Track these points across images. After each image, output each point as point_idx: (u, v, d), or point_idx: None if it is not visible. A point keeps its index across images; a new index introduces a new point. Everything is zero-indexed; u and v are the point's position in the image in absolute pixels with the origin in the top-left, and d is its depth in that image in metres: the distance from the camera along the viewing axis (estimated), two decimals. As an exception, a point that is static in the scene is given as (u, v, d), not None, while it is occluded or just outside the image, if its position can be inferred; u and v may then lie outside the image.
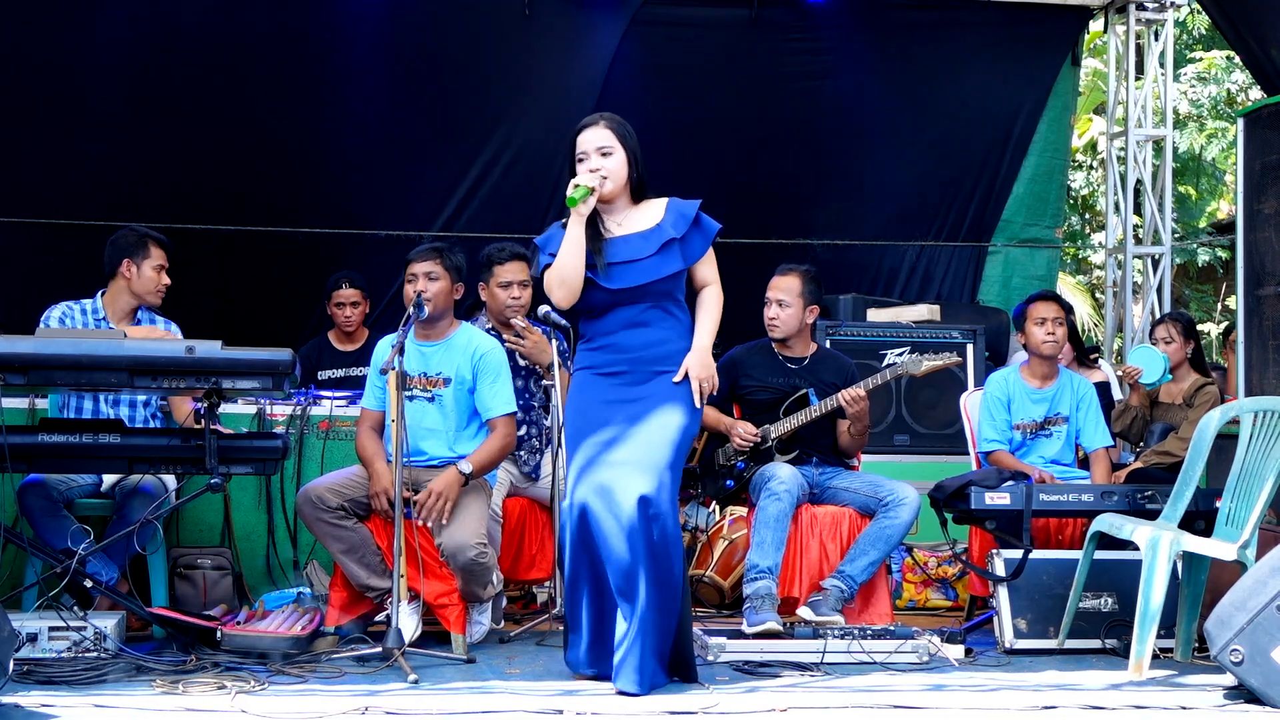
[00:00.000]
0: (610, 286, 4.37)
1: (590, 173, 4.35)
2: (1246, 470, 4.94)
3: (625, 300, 4.39)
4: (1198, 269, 17.05)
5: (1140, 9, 8.45)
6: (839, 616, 5.15)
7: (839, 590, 5.22)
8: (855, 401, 5.42)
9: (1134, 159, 8.59)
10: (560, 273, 4.33)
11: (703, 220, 4.48)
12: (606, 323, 4.41)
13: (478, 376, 5.15)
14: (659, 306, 4.41)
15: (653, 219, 4.45)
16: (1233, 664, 4.29)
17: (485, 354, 5.18)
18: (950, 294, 8.60)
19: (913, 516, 5.34)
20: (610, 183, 4.37)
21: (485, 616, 5.14)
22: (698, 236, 4.47)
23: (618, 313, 4.40)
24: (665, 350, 4.40)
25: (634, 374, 4.38)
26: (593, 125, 4.43)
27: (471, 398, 5.16)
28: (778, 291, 5.61)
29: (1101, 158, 11.99)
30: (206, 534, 5.78)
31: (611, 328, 4.40)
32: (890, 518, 5.31)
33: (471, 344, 5.19)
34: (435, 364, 5.15)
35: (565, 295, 4.35)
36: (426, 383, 5.14)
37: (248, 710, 3.91)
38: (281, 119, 7.79)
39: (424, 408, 5.12)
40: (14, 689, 4.01)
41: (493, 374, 5.17)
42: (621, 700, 4.12)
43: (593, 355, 4.44)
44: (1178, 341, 6.53)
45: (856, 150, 8.37)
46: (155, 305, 5.46)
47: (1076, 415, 5.88)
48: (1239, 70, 15.18)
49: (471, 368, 5.15)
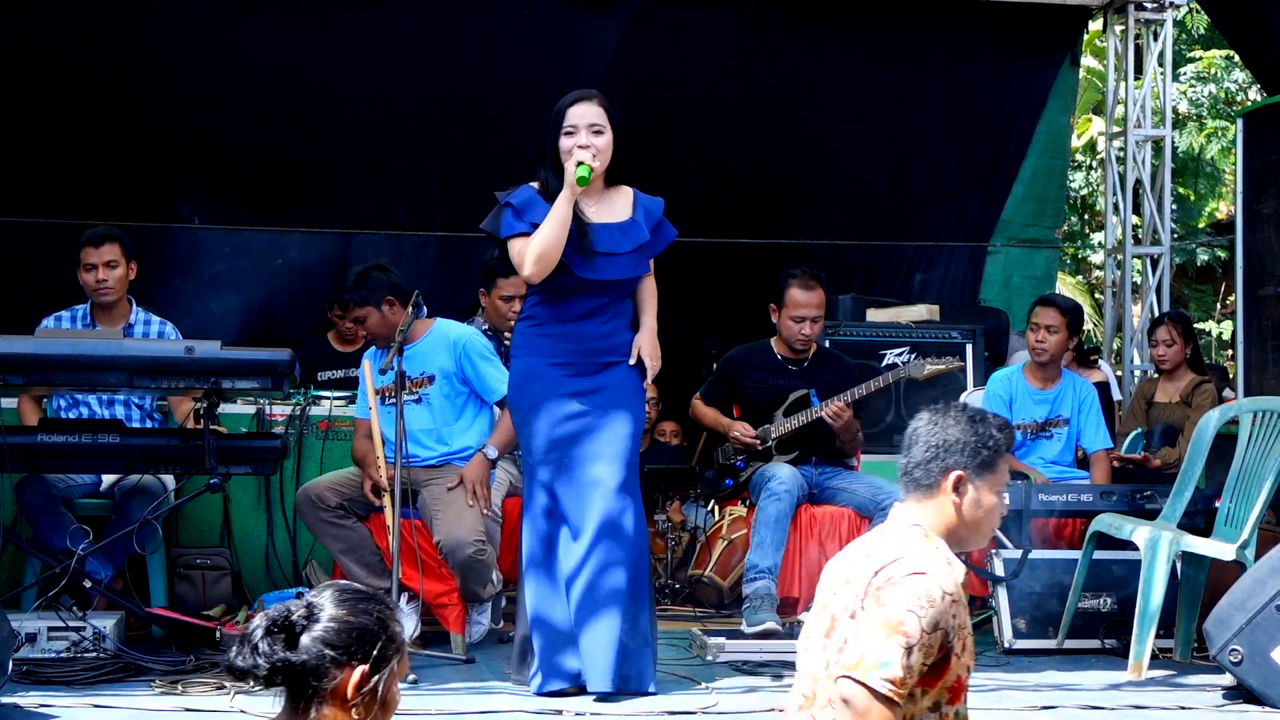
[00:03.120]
0: (588, 276, 4.30)
1: (581, 149, 4.26)
2: (1245, 470, 4.94)
3: (592, 290, 4.34)
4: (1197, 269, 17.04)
5: (1139, 9, 8.44)
6: None
7: None
8: (837, 416, 5.40)
9: (1133, 159, 8.58)
10: (542, 248, 4.21)
11: (664, 225, 4.47)
12: (566, 309, 4.34)
13: (467, 363, 5.13)
14: (618, 302, 4.41)
15: (625, 210, 4.41)
16: (1232, 664, 4.30)
17: (466, 341, 5.17)
18: (950, 294, 8.58)
19: None
20: (598, 163, 4.30)
21: (485, 616, 5.14)
22: (659, 241, 4.46)
23: (581, 301, 4.34)
24: (612, 341, 4.38)
25: (580, 365, 4.33)
26: (586, 100, 4.35)
27: (461, 388, 5.15)
28: (812, 309, 5.54)
29: (1101, 158, 11.98)
30: (206, 534, 5.78)
31: (569, 315, 4.34)
32: None
33: (449, 336, 5.17)
34: (417, 365, 5.11)
35: (539, 271, 4.23)
36: (411, 384, 5.11)
37: (247, 710, 3.91)
38: (280, 119, 7.78)
39: (412, 410, 5.09)
40: (13, 689, 4.01)
41: (482, 357, 5.16)
42: (621, 700, 4.12)
43: (541, 342, 4.34)
44: (1178, 343, 6.53)
45: (856, 150, 8.36)
46: (104, 302, 5.27)
47: (1077, 417, 5.87)
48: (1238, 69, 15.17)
49: (455, 358, 5.14)
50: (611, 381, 4.35)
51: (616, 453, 4.26)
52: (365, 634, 2.11)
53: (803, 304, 5.53)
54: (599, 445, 4.27)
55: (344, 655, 2.09)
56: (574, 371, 4.32)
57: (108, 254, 5.24)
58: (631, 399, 4.37)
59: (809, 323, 5.55)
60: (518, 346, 4.42)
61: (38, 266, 7.65)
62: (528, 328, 4.40)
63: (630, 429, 4.32)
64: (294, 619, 2.10)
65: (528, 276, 4.29)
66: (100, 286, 5.24)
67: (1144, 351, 8.21)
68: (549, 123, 4.35)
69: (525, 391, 4.36)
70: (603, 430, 4.28)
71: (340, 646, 2.09)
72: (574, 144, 4.29)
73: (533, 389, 4.34)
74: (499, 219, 4.35)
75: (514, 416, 4.44)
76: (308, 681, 2.10)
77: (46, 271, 7.54)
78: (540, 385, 4.33)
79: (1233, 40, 7.52)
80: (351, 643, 2.10)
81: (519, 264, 4.29)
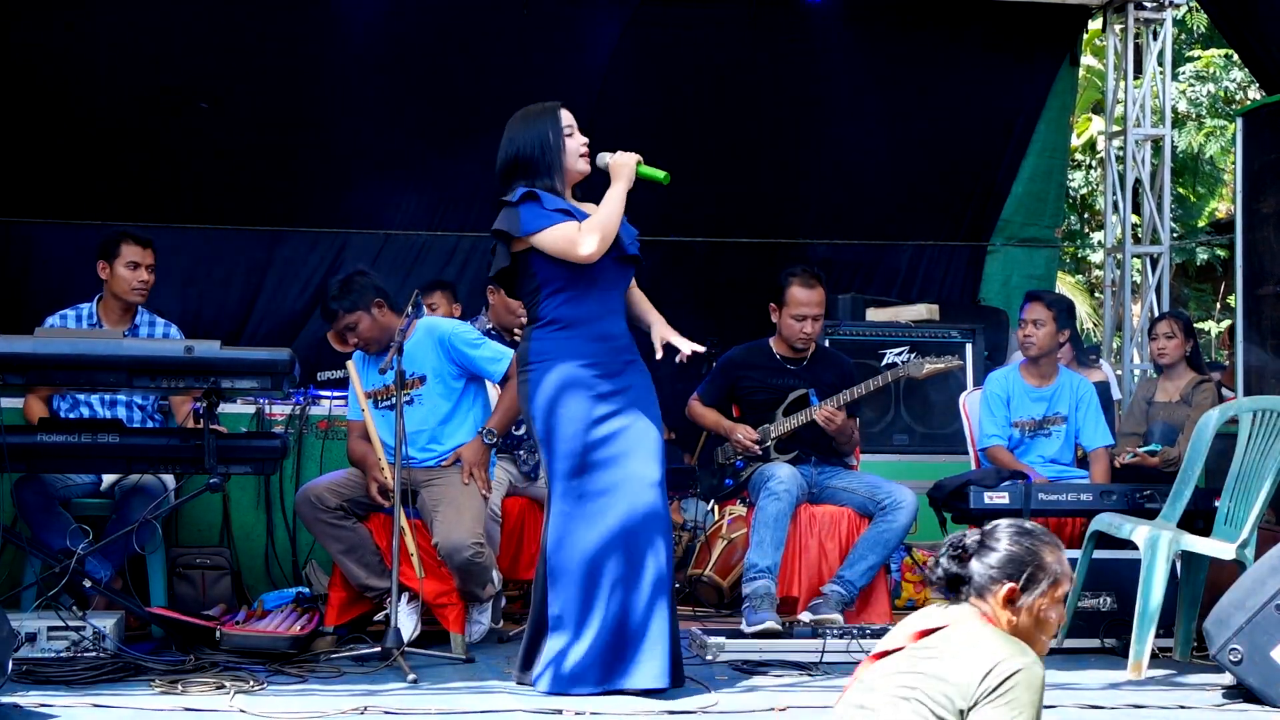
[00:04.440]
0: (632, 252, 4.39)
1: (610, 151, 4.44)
2: (1245, 470, 4.94)
3: (612, 283, 4.39)
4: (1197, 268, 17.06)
5: (1139, 8, 8.43)
6: (838, 615, 5.16)
7: (839, 595, 5.23)
8: (830, 420, 5.41)
9: (1133, 158, 8.58)
10: (609, 226, 4.28)
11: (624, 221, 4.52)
12: (591, 309, 4.36)
13: (457, 354, 5.12)
14: (623, 302, 4.49)
15: None
16: (1231, 663, 4.30)
17: (449, 334, 5.16)
18: (949, 294, 8.58)
19: (910, 519, 5.34)
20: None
21: (485, 616, 5.14)
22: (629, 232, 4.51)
23: (602, 300, 4.37)
24: (629, 340, 4.45)
25: (609, 365, 4.36)
26: (564, 107, 4.50)
27: (455, 384, 5.14)
28: (813, 308, 5.55)
29: (1100, 157, 11.98)
30: (205, 534, 5.78)
31: (595, 315, 4.36)
32: (888, 521, 5.31)
33: (432, 334, 5.14)
34: (407, 367, 5.05)
35: (600, 250, 4.25)
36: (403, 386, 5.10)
37: (246, 710, 3.91)
38: (280, 118, 7.78)
39: (404, 411, 5.08)
40: (13, 689, 4.00)
41: (470, 344, 5.16)
42: (621, 700, 4.12)
43: (571, 344, 4.33)
44: (1178, 338, 6.54)
45: (856, 150, 8.35)
46: (138, 302, 5.41)
47: (1076, 415, 5.87)
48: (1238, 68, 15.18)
49: (444, 353, 5.12)
50: (635, 380, 4.40)
51: (651, 451, 4.32)
52: (1019, 561, 2.76)
53: (803, 302, 5.53)
54: (635, 443, 4.31)
55: (1000, 575, 2.76)
56: (603, 372, 4.34)
57: (150, 256, 5.43)
58: (652, 397, 4.45)
59: (810, 321, 5.55)
60: (543, 352, 4.35)
61: (40, 266, 7.65)
62: (552, 331, 4.35)
63: (658, 426, 4.40)
64: (968, 545, 2.82)
65: (588, 255, 4.26)
66: (142, 286, 5.39)
67: (1144, 351, 8.20)
68: (545, 130, 4.40)
69: (558, 398, 4.30)
70: (636, 428, 4.33)
71: (997, 568, 2.76)
72: (578, 144, 4.43)
73: (564, 394, 4.30)
74: (516, 217, 4.31)
75: (540, 423, 4.33)
76: (971, 589, 2.79)
77: (49, 271, 7.56)
78: (572, 389, 4.31)
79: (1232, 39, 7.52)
80: (1007, 567, 2.75)
81: (573, 244, 4.26)
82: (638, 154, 4.43)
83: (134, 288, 5.38)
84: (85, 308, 5.42)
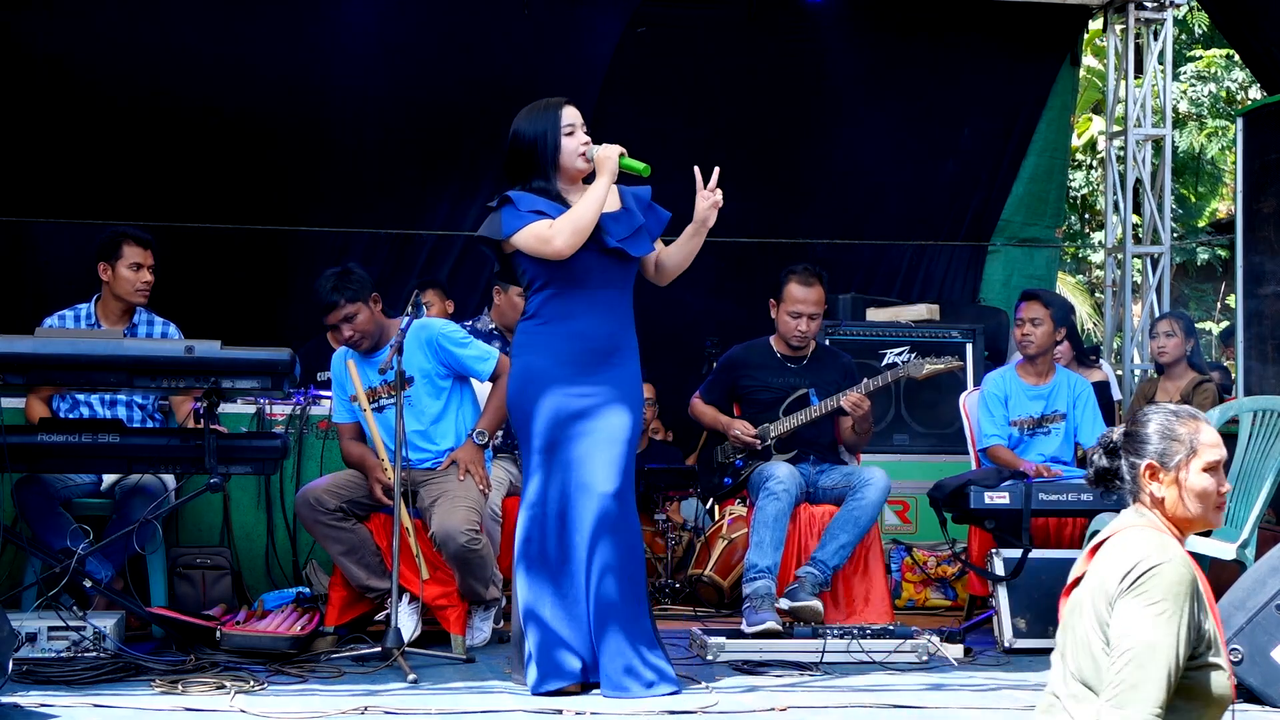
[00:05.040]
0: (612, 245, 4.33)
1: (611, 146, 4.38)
2: (1245, 470, 4.94)
3: (603, 282, 4.36)
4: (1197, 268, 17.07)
5: (1140, 8, 8.43)
6: (816, 602, 5.14)
7: (813, 576, 5.21)
8: (857, 405, 5.41)
9: (1133, 158, 8.58)
10: (580, 222, 4.24)
11: (656, 207, 4.51)
12: (574, 305, 4.34)
13: (444, 354, 5.12)
14: (620, 300, 4.43)
15: (614, 203, 4.43)
16: (1232, 663, 4.29)
17: (435, 334, 5.14)
18: (950, 294, 8.59)
19: (880, 495, 5.33)
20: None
21: (487, 625, 5.13)
22: (654, 221, 4.50)
23: (587, 296, 4.35)
24: (615, 341, 4.39)
25: (585, 364, 4.33)
26: (568, 103, 4.45)
27: (443, 383, 5.14)
28: (809, 306, 5.55)
29: (1101, 157, 11.98)
30: (206, 534, 5.78)
31: (576, 312, 4.34)
32: (857, 499, 5.31)
33: (419, 335, 5.12)
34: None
35: (571, 244, 4.23)
36: (391, 389, 5.09)
37: (247, 710, 3.91)
38: (280, 118, 7.78)
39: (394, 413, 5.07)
40: (13, 689, 4.00)
41: (456, 343, 5.15)
42: (621, 700, 4.12)
43: (548, 340, 4.34)
44: (1178, 337, 6.54)
45: (856, 150, 8.35)
46: (140, 303, 5.42)
47: (1074, 413, 5.87)
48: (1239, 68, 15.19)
49: (431, 354, 5.12)
50: (614, 381, 4.36)
51: (614, 457, 4.26)
52: (1153, 439, 2.92)
53: (800, 299, 5.54)
54: (597, 447, 4.27)
55: (1139, 458, 2.92)
56: (579, 370, 4.32)
57: (151, 257, 5.44)
58: (632, 399, 4.38)
59: (806, 319, 5.55)
60: (522, 345, 4.41)
61: (40, 266, 7.65)
62: (534, 326, 4.39)
63: (629, 432, 4.33)
64: (1115, 438, 2.99)
65: (558, 250, 4.25)
66: (145, 287, 5.40)
67: (1144, 351, 8.21)
68: (544, 127, 4.39)
69: (527, 391, 4.34)
70: (602, 432, 4.29)
71: (1135, 451, 2.94)
72: (578, 143, 4.39)
73: (536, 388, 4.32)
74: (498, 221, 4.35)
75: (514, 414, 4.41)
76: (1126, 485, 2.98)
77: (49, 271, 7.56)
78: (544, 384, 4.31)
79: (1233, 39, 7.52)
80: (1143, 447, 2.93)
81: (544, 241, 4.26)
82: (620, 146, 4.40)
83: (137, 289, 5.38)
84: (83, 308, 5.42)
